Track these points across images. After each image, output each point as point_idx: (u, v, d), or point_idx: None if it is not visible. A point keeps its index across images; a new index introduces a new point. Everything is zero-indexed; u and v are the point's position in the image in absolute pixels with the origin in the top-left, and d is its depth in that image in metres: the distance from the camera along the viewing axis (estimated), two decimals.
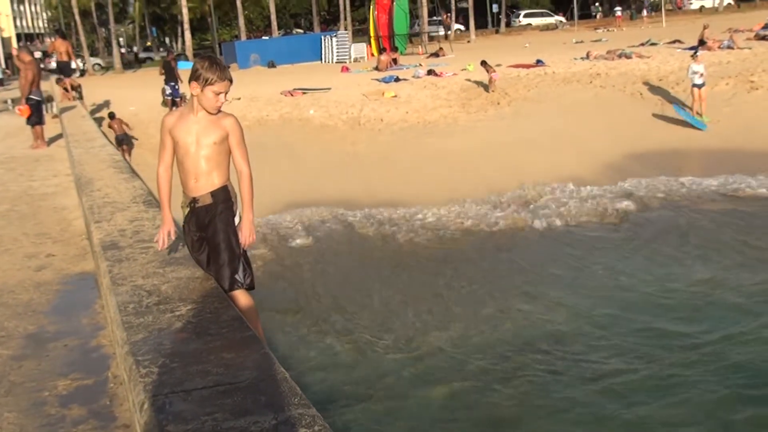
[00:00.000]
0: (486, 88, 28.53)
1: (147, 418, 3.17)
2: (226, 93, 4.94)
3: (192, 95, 4.93)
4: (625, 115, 25.60)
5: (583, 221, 17.98)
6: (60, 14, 74.52)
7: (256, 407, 3.13)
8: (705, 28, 34.95)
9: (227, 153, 4.99)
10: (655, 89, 27.72)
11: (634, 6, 72.33)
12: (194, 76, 4.88)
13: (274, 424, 2.99)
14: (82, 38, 57.71)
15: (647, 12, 63.20)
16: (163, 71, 27.15)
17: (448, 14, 67.32)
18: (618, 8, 64.66)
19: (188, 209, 5.07)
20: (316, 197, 19.66)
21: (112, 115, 23.67)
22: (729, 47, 32.58)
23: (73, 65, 49.71)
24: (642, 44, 38.12)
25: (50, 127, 17.42)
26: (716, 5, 67.49)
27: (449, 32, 62.03)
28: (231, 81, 4.95)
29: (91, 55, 63.01)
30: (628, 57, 32.62)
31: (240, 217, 5.04)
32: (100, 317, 5.37)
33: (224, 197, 5.00)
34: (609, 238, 17.01)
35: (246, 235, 4.98)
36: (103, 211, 7.31)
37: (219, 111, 4.95)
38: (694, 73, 24.83)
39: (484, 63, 28.79)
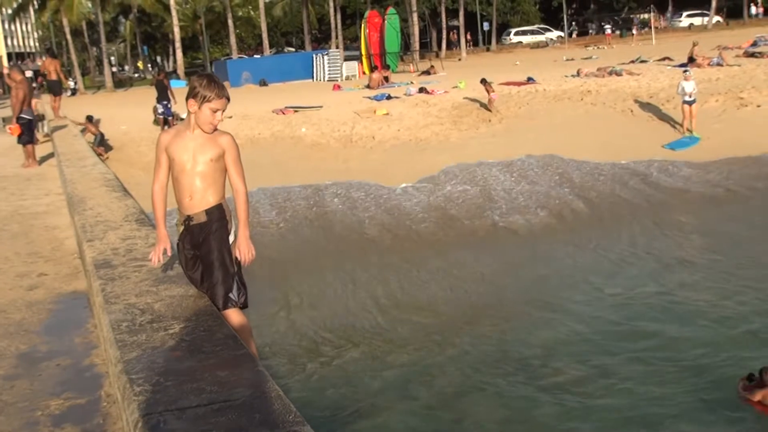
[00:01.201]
0: (485, 107, 28.55)
1: None
2: (223, 111, 4.95)
3: (189, 112, 4.93)
4: (615, 132, 25.68)
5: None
6: (51, 33, 74.58)
7: (251, 425, 3.12)
8: (694, 45, 35.13)
9: (223, 171, 4.99)
10: (645, 106, 27.84)
11: (622, 23, 72.64)
12: (192, 94, 4.88)
13: None
14: (74, 57, 57.71)
15: (637, 29, 63.48)
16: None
17: (454, 31, 67.87)
18: (608, 26, 65.01)
19: (183, 227, 5.06)
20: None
21: (90, 118, 24.46)
22: (718, 64, 32.77)
23: (72, 83, 50.01)
24: (632, 61, 38.31)
25: (42, 146, 17.40)
26: (705, 23, 67.91)
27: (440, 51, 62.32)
28: (228, 99, 4.96)
29: (83, 74, 62.97)
30: (618, 74, 32.76)
31: (235, 236, 5.03)
32: (92, 336, 5.35)
33: (219, 215, 4.99)
34: None
35: (244, 252, 4.95)
36: (95, 230, 7.29)
37: (215, 129, 4.96)
38: (685, 91, 24.94)
39: (483, 81, 28.67)
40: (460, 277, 16.51)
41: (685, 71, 26.58)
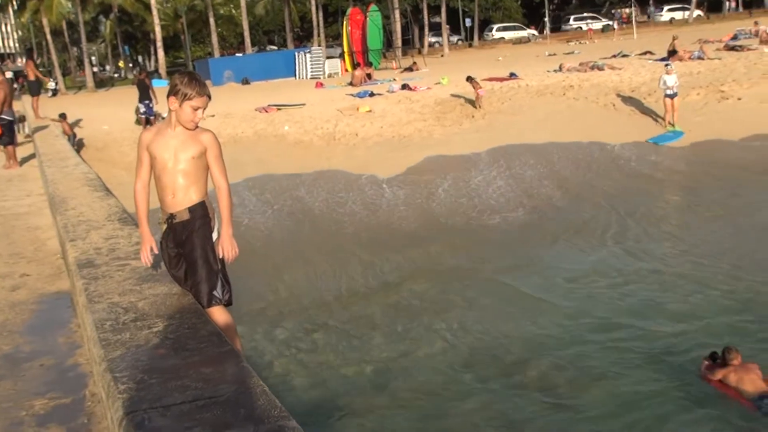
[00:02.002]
0: (472, 103, 28.58)
1: None
2: (204, 109, 4.93)
3: (170, 110, 4.92)
4: (598, 126, 25.77)
5: None
6: (31, 34, 74.15)
7: (236, 420, 3.11)
8: (674, 39, 35.34)
9: (205, 168, 4.97)
10: (627, 100, 27.94)
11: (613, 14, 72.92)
12: (173, 91, 4.87)
13: None
14: (54, 58, 57.38)
15: (619, 24, 63.66)
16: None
17: (447, 26, 68.06)
18: (589, 21, 65.18)
19: (166, 225, 5.04)
20: None
21: (63, 116, 24.43)
22: (699, 58, 32.94)
23: (53, 85, 49.69)
24: (614, 56, 38.44)
25: (23, 147, 17.30)
26: (686, 17, 68.19)
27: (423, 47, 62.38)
28: (209, 97, 4.94)
29: (63, 74, 62.61)
30: (600, 69, 32.88)
31: (218, 233, 5.01)
32: (76, 336, 5.33)
33: (202, 213, 4.96)
34: None
35: (227, 250, 4.93)
36: (77, 230, 7.26)
37: (197, 126, 4.94)
38: (666, 84, 25.07)
39: (470, 78, 28.71)
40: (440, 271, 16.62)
41: (666, 65, 26.72)
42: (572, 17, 75.41)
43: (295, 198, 21.00)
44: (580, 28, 66.49)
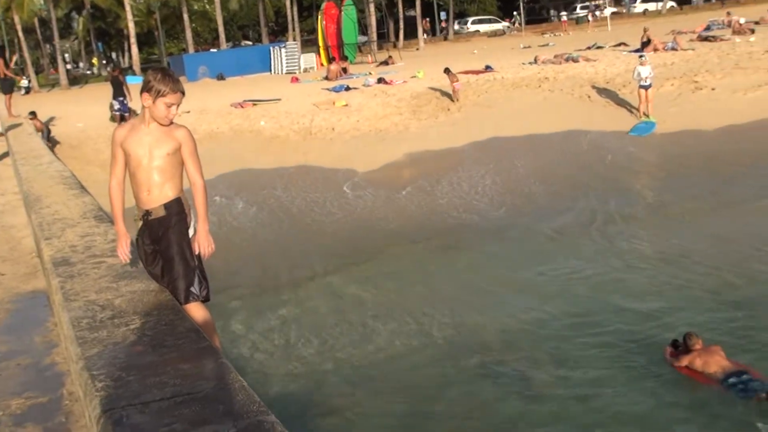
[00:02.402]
0: (449, 97, 28.62)
1: (104, 431, 3.13)
2: (178, 105, 4.90)
3: (143, 107, 4.89)
4: (574, 118, 25.87)
5: None
6: (2, 31, 73.45)
7: (215, 416, 3.11)
8: (646, 30, 35.56)
9: (180, 164, 4.94)
10: (602, 92, 28.07)
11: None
12: (146, 88, 4.84)
13: None
14: (26, 55, 56.83)
15: (593, 16, 63.85)
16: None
17: (426, 20, 68.09)
18: (563, 13, 65.35)
19: (141, 222, 5.01)
20: None
21: (33, 114, 24.56)
22: (673, 49, 33.14)
23: (26, 82, 49.20)
24: (588, 48, 38.59)
25: None
26: (660, 8, 68.52)
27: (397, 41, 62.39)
28: (183, 93, 4.92)
29: (36, 72, 62.02)
30: (575, 61, 33.01)
31: (195, 229, 4.99)
32: (53, 335, 5.29)
33: (178, 209, 4.94)
34: None
35: (204, 246, 4.92)
36: (53, 228, 7.21)
37: (171, 123, 4.91)
38: (640, 75, 25.21)
39: (447, 71, 28.76)
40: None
41: (640, 56, 26.85)
42: (579, 5, 74.80)
43: (273, 195, 20.95)
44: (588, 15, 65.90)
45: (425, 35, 69.16)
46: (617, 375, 11.26)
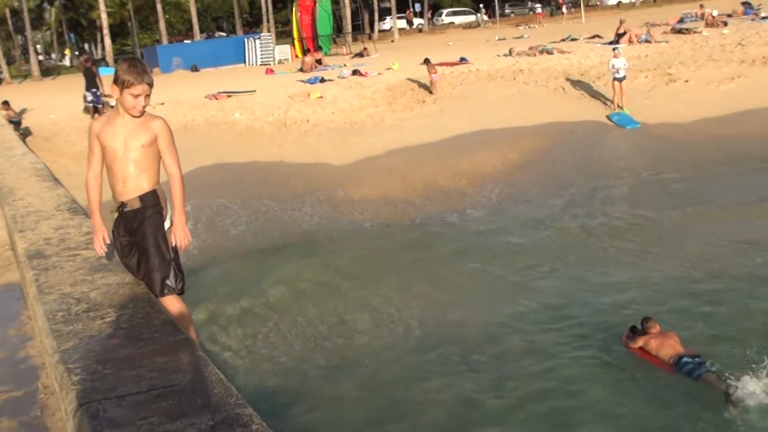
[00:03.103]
0: (425, 89, 28.65)
1: (80, 425, 3.11)
2: (147, 96, 4.85)
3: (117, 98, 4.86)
4: (548, 110, 25.97)
5: None
6: None
7: (192, 409, 3.10)
8: (622, 22, 35.76)
9: (156, 156, 4.91)
10: (576, 84, 28.20)
11: (553, 3, 73.22)
12: (114, 79, 4.83)
13: (211, 425, 2.97)
14: None
15: (567, 8, 64.06)
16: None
17: (410, 10, 68.15)
18: (538, 5, 65.49)
19: (117, 214, 4.99)
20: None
21: (6, 103, 25.07)
22: (647, 41, 33.36)
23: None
24: (563, 40, 38.77)
25: None
26: (633, 0, 68.87)
27: (373, 32, 62.33)
28: (150, 84, 4.86)
29: (8, 63, 61.36)
30: (549, 53, 33.15)
31: (171, 221, 4.97)
32: (27, 328, 5.26)
33: (153, 201, 4.92)
34: None
35: (180, 238, 4.91)
36: (26, 220, 7.14)
37: (142, 114, 4.87)
38: (615, 67, 25.34)
39: (427, 61, 28.77)
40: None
41: (614, 49, 26.98)
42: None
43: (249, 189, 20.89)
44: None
45: (408, 26, 69.56)
46: (573, 358, 11.53)
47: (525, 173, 21.77)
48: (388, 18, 75.12)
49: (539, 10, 63.75)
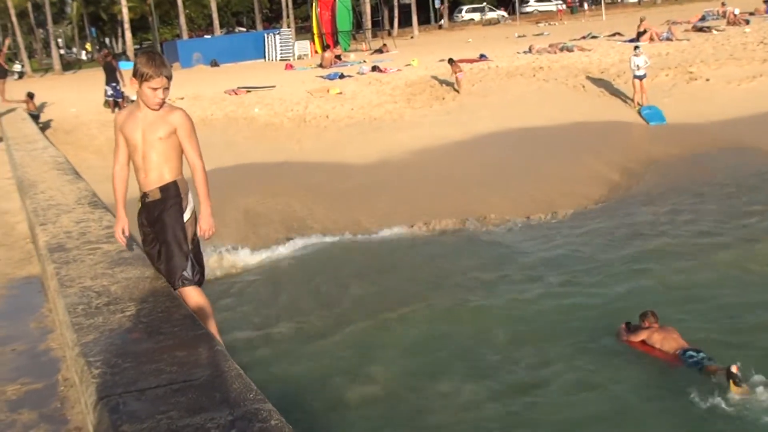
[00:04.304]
0: (449, 85, 28.60)
1: (100, 418, 3.13)
2: (166, 89, 4.86)
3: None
4: (568, 107, 25.85)
5: None
6: None
7: (212, 404, 3.11)
8: (642, 20, 35.57)
9: (177, 148, 4.92)
10: (596, 81, 28.07)
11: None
12: (133, 72, 4.85)
13: (230, 420, 2.97)
14: (20, 40, 56.56)
15: (588, 5, 63.68)
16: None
17: (443, 3, 68.14)
18: (559, 1, 65.16)
19: (140, 203, 5.03)
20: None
21: (30, 95, 25.30)
22: (668, 39, 33.16)
23: (19, 67, 48.99)
24: (583, 37, 38.59)
25: None
26: None
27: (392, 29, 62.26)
28: (168, 77, 4.86)
29: (29, 57, 61.77)
30: (569, 50, 33.01)
31: (191, 213, 4.98)
32: (47, 321, 5.29)
33: (174, 192, 4.93)
34: None
35: (205, 228, 4.94)
36: (47, 214, 7.19)
37: (160, 107, 4.88)
38: (636, 65, 25.19)
39: (451, 61, 28.68)
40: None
41: (636, 47, 26.81)
42: None
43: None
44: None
45: (440, 20, 69.53)
46: (574, 353, 11.55)
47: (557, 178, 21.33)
48: (464, 8, 74.94)
49: (561, 7, 63.29)
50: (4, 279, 6.40)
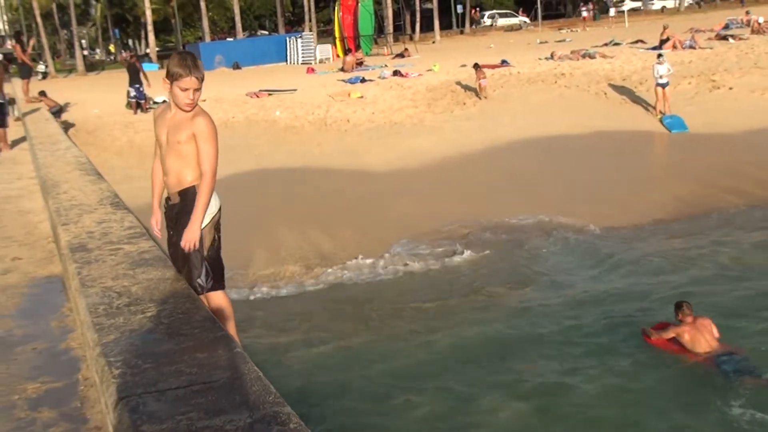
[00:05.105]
0: (471, 90, 28.58)
1: (120, 418, 3.14)
2: (197, 90, 4.82)
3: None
4: (589, 114, 25.77)
5: None
6: (21, 16, 73.60)
7: (231, 406, 3.12)
8: (665, 28, 35.42)
9: (197, 152, 4.88)
10: (618, 89, 27.98)
11: (596, 7, 72.62)
12: (166, 72, 4.84)
13: (249, 423, 2.98)
14: (44, 40, 56.98)
15: (615, 11, 63.19)
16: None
17: (476, 9, 68.12)
18: (584, 8, 64.87)
19: (165, 205, 5.05)
20: None
21: (42, 93, 25.72)
22: (691, 47, 33.00)
23: (43, 68, 49.39)
24: (605, 44, 38.47)
25: (13, 130, 17.21)
26: (678, 5, 68.17)
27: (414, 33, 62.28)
28: (200, 78, 4.82)
29: (53, 57, 62.24)
30: (591, 57, 32.93)
31: (211, 219, 4.96)
32: (68, 320, 5.31)
33: (193, 197, 4.91)
34: None
35: (187, 239, 4.85)
36: (70, 214, 7.22)
37: (192, 109, 4.85)
38: (659, 73, 25.08)
39: (476, 66, 28.62)
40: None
41: (659, 55, 26.67)
42: None
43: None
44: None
45: (473, 25, 69.55)
46: (597, 352, 11.46)
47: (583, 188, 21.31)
48: (486, 14, 74.41)
49: (585, 14, 62.91)
50: (26, 278, 6.43)
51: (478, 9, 72.53)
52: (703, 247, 15.76)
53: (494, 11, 75.97)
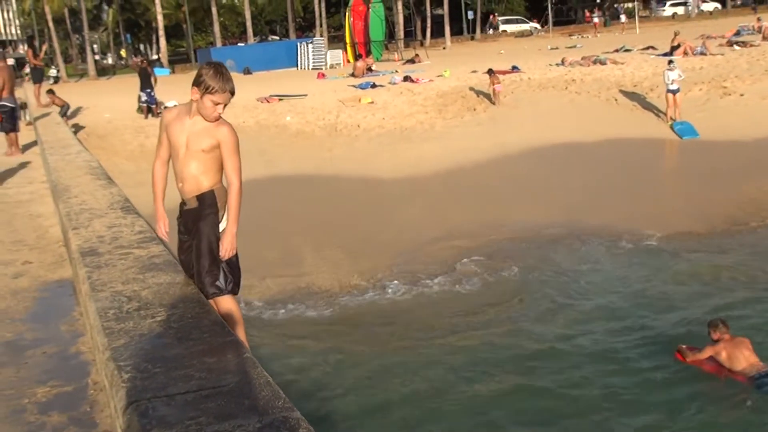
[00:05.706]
0: (484, 95, 28.57)
1: (130, 422, 3.14)
2: (226, 105, 4.85)
3: (192, 99, 4.87)
4: (600, 121, 25.74)
5: None
6: (33, 21, 73.94)
7: (240, 411, 3.11)
8: (676, 34, 35.35)
9: (218, 160, 4.88)
10: (629, 95, 27.93)
11: (608, 13, 72.57)
12: (197, 82, 4.79)
13: (258, 428, 2.97)
14: (56, 45, 57.27)
15: (626, 18, 63.04)
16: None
17: (494, 14, 68.16)
18: (596, 14, 64.81)
19: (179, 210, 5.04)
20: None
21: (51, 92, 25.91)
22: (702, 53, 32.91)
23: (54, 72, 49.64)
24: (616, 50, 38.40)
25: (24, 134, 17.28)
26: (689, 12, 68.06)
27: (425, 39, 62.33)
28: (232, 93, 4.85)
29: (65, 62, 62.50)
30: (602, 63, 32.87)
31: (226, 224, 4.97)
32: (78, 324, 5.32)
33: (210, 202, 4.91)
34: None
35: (226, 249, 4.89)
36: (80, 218, 7.23)
37: (216, 121, 4.85)
38: (670, 79, 25.04)
39: (490, 72, 28.58)
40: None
41: (670, 62, 26.61)
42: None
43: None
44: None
45: (490, 30, 69.67)
46: (632, 371, 11.19)
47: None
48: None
49: (596, 20, 62.81)
50: (36, 282, 6.45)
51: (495, 15, 72.58)
52: (737, 265, 15.34)
53: (505, 17, 76.04)
